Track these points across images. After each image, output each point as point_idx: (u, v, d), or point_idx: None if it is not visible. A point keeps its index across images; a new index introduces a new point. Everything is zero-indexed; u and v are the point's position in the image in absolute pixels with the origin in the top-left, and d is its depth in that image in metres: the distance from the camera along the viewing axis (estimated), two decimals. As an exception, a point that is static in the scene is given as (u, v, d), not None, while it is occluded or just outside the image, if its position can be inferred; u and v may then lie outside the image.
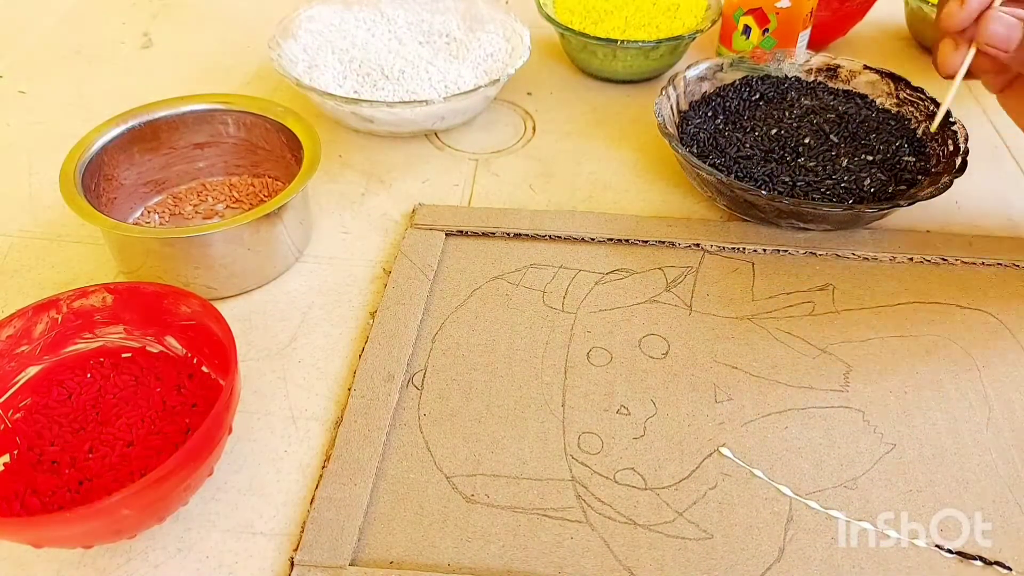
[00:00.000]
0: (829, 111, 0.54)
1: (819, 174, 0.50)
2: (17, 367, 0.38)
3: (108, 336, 0.40)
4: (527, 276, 0.48)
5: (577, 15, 0.66)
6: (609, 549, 0.35)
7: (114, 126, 0.48)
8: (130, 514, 0.31)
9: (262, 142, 0.52)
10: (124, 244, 0.45)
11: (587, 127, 0.62)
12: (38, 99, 0.64)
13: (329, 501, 0.36)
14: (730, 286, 0.48)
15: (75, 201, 0.43)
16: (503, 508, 0.37)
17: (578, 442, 0.39)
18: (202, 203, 0.52)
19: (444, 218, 0.51)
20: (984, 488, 0.38)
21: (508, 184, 0.56)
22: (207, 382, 0.39)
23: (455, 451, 0.39)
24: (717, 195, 0.51)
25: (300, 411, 0.41)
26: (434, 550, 0.35)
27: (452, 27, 0.65)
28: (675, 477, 0.38)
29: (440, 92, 0.58)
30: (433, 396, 0.41)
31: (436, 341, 0.44)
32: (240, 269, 0.46)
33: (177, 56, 0.70)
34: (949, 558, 0.35)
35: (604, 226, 0.51)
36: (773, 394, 0.42)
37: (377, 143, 0.59)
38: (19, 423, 0.37)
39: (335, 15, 0.65)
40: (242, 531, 0.36)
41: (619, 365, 0.43)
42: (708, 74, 0.58)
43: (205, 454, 0.33)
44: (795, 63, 0.59)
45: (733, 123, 0.56)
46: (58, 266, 0.49)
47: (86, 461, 0.35)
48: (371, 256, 0.50)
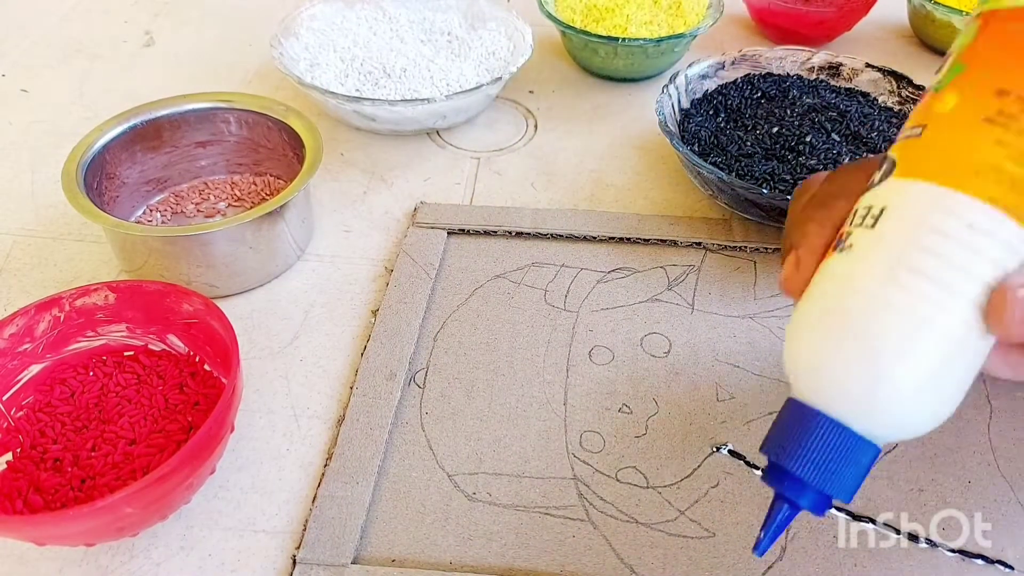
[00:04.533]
0: (831, 109, 0.54)
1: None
2: (19, 365, 0.38)
3: (110, 334, 0.40)
4: (529, 275, 0.48)
5: (579, 13, 0.65)
6: (611, 547, 0.35)
7: (116, 125, 0.49)
8: (132, 512, 0.31)
9: (264, 140, 0.52)
10: (126, 242, 0.45)
11: (589, 125, 0.62)
12: (40, 98, 0.64)
13: (331, 499, 0.36)
14: (732, 285, 0.48)
15: (77, 200, 0.43)
16: (505, 506, 0.37)
17: (580, 440, 0.39)
18: (204, 202, 0.52)
19: (446, 216, 0.51)
20: (985, 488, 0.38)
21: (510, 182, 0.56)
22: (209, 380, 0.39)
23: (457, 449, 0.39)
24: (719, 193, 0.51)
25: (302, 409, 0.41)
26: (436, 548, 0.35)
27: (454, 25, 0.65)
28: (677, 476, 0.38)
29: (442, 90, 0.58)
30: (435, 394, 0.41)
31: (438, 340, 0.44)
32: (242, 267, 0.46)
33: (179, 55, 0.70)
34: (950, 557, 0.35)
35: (606, 225, 0.51)
36: (775, 393, 0.42)
37: (379, 141, 0.59)
38: (22, 421, 0.37)
39: (337, 13, 0.65)
40: (244, 529, 0.36)
41: (621, 364, 0.43)
42: (710, 72, 0.58)
43: (207, 452, 0.34)
44: (797, 61, 0.59)
45: (735, 121, 0.55)
46: (60, 264, 0.49)
47: (88, 459, 0.35)
48: (373, 254, 0.50)
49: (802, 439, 0.28)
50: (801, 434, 0.28)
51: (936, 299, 0.26)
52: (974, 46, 0.28)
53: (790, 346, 0.29)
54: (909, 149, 0.28)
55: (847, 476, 0.28)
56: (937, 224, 0.26)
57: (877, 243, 0.27)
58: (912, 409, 0.27)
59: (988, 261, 0.26)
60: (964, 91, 0.27)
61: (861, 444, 0.28)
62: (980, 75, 0.27)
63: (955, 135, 0.27)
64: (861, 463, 0.28)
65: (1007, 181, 0.26)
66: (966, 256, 0.26)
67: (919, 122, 0.28)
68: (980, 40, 0.28)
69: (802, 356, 0.29)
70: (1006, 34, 0.27)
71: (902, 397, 0.27)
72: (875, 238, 0.27)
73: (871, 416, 0.27)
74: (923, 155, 0.27)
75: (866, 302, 0.27)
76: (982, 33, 0.28)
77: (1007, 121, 0.26)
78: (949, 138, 0.27)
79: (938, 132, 0.27)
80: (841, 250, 0.28)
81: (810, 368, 0.28)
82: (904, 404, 0.27)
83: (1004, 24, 0.28)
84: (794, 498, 0.29)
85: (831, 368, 0.27)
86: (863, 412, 0.27)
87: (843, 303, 0.27)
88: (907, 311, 0.26)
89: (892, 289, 0.26)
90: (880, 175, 0.29)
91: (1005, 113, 0.26)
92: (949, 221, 0.26)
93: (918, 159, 0.27)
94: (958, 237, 0.26)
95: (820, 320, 0.28)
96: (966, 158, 0.26)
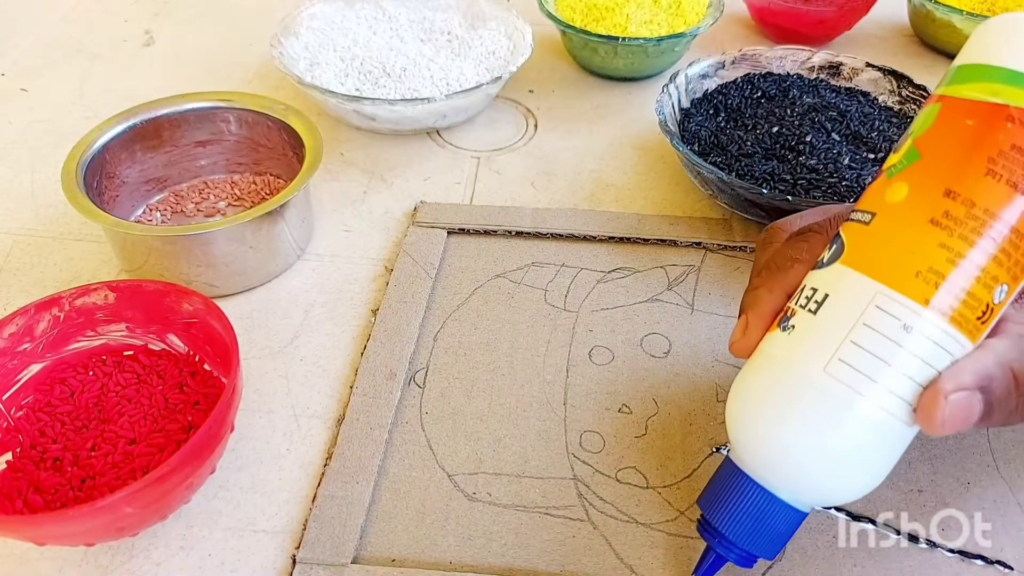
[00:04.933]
0: (831, 109, 0.54)
1: (821, 172, 0.49)
2: (19, 365, 0.38)
3: (110, 334, 0.40)
4: (529, 274, 0.48)
5: (579, 12, 0.65)
6: (611, 547, 0.35)
7: (116, 124, 0.48)
8: (132, 512, 0.31)
9: (264, 140, 0.52)
10: (126, 242, 0.45)
11: (589, 125, 0.62)
12: (40, 97, 0.64)
13: (331, 499, 0.36)
14: (732, 285, 0.48)
15: (77, 199, 0.43)
16: (505, 506, 0.37)
17: (580, 441, 0.39)
18: (204, 201, 0.52)
19: (446, 216, 0.51)
20: (984, 489, 0.38)
21: (510, 182, 0.56)
22: (209, 380, 0.39)
23: (457, 449, 0.39)
24: (719, 193, 0.51)
25: (302, 409, 0.41)
26: (436, 548, 0.35)
27: (454, 24, 0.65)
28: (677, 476, 0.38)
29: (442, 90, 0.58)
30: (435, 394, 0.41)
31: (438, 339, 0.44)
32: (242, 267, 0.46)
33: (179, 54, 0.70)
34: (950, 557, 0.35)
35: (606, 224, 0.51)
36: (774, 393, 0.42)
37: (379, 141, 0.59)
38: (21, 421, 0.37)
39: (337, 13, 0.65)
40: (244, 529, 0.36)
41: (621, 364, 0.43)
42: (710, 72, 0.58)
43: (207, 452, 0.34)
44: (797, 60, 0.59)
45: (735, 121, 0.55)
46: (60, 264, 0.49)
47: (88, 459, 0.35)
48: (373, 254, 0.50)
49: (732, 501, 0.31)
50: (732, 496, 0.31)
51: (863, 390, 0.27)
52: (930, 134, 0.29)
53: (730, 410, 0.31)
54: (857, 235, 0.29)
55: (770, 538, 0.31)
56: (872, 321, 0.27)
57: (817, 330, 0.29)
58: (836, 485, 0.29)
59: (918, 360, 0.27)
60: (915, 185, 0.28)
61: (786, 510, 0.30)
62: (932, 170, 0.28)
63: (901, 233, 0.28)
64: (785, 527, 0.30)
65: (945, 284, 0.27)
66: (897, 354, 0.27)
67: (870, 207, 0.29)
68: (936, 128, 0.29)
69: (739, 422, 0.31)
70: (960, 129, 0.28)
71: (826, 475, 0.29)
72: (815, 325, 0.29)
73: (796, 486, 0.30)
74: (868, 247, 0.29)
75: (800, 387, 0.29)
76: (939, 120, 0.29)
77: (952, 225, 0.27)
78: (894, 235, 0.28)
79: (885, 225, 0.29)
80: (784, 329, 0.30)
81: (745, 437, 0.30)
82: (828, 480, 0.29)
83: (959, 117, 0.28)
84: (723, 552, 0.31)
85: (763, 441, 0.29)
86: (789, 481, 0.30)
87: (779, 384, 0.29)
88: (836, 399, 0.28)
89: (824, 378, 0.28)
90: (829, 255, 0.30)
91: (951, 216, 0.27)
92: (885, 320, 0.27)
93: (863, 250, 0.29)
94: (892, 336, 0.27)
95: (758, 395, 0.30)
96: (908, 259, 0.27)
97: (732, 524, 0.31)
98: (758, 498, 0.30)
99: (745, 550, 0.31)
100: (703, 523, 0.32)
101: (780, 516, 0.30)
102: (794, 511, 0.30)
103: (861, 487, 0.29)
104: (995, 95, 0.27)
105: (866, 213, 0.29)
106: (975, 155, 0.27)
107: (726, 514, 0.31)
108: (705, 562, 0.32)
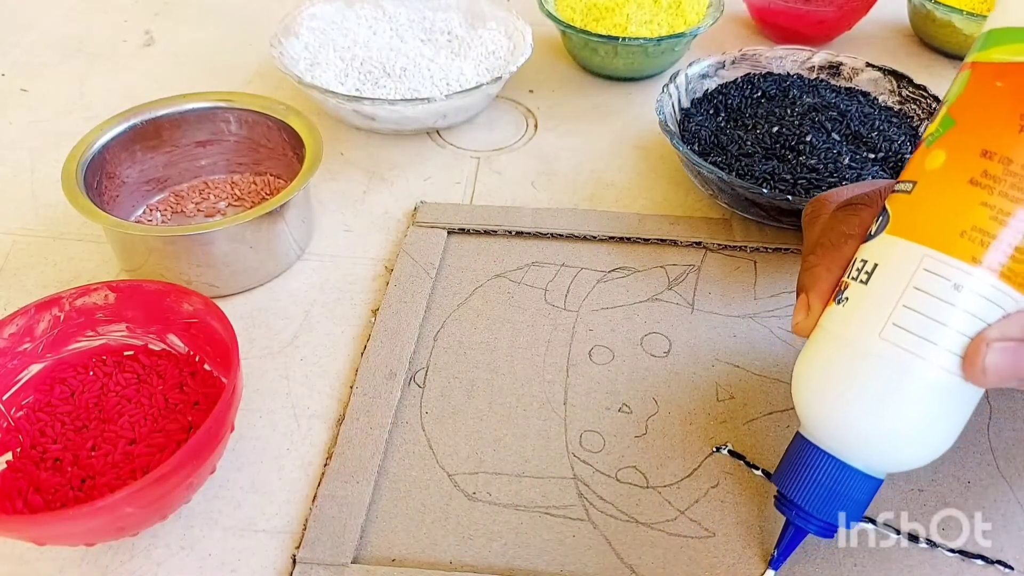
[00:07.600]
0: (831, 109, 0.54)
1: (821, 172, 0.49)
2: (19, 365, 0.38)
3: (110, 334, 0.40)
4: (529, 274, 0.48)
5: (579, 12, 0.65)
6: (611, 547, 0.35)
7: (116, 124, 0.49)
8: (132, 512, 0.31)
9: (264, 140, 0.52)
10: (126, 242, 0.45)
11: (589, 125, 0.62)
12: (40, 97, 0.64)
13: (331, 499, 0.36)
14: (732, 284, 0.48)
15: (77, 199, 0.43)
16: (505, 506, 0.37)
17: (580, 440, 0.39)
18: (204, 201, 0.52)
19: (446, 216, 0.51)
20: (984, 488, 0.38)
21: (510, 182, 0.56)
22: (209, 380, 0.39)
23: (457, 449, 0.39)
24: (719, 193, 0.51)
25: (302, 409, 0.41)
26: (436, 548, 0.35)
27: (454, 24, 0.65)
28: (677, 475, 0.38)
29: (442, 90, 0.58)
30: (435, 394, 0.41)
31: (438, 339, 0.44)
32: (242, 267, 0.46)
33: (179, 54, 0.70)
34: (950, 557, 0.35)
35: (606, 224, 0.51)
36: (775, 392, 0.42)
37: (379, 141, 0.59)
38: (21, 421, 0.37)
39: (337, 13, 0.65)
40: (244, 529, 0.36)
41: (621, 363, 0.43)
42: (710, 72, 0.58)
43: (207, 452, 0.34)
44: (797, 60, 0.59)
45: (735, 121, 0.55)
46: (60, 264, 0.49)
47: (88, 459, 0.35)
48: (373, 254, 0.50)
49: (807, 474, 0.31)
50: (807, 470, 0.32)
51: (920, 352, 0.28)
52: (962, 100, 0.29)
53: (796, 387, 0.32)
54: (901, 205, 0.30)
55: (850, 507, 0.31)
56: (922, 284, 0.28)
57: (869, 299, 0.30)
58: (905, 449, 0.30)
59: (969, 316, 0.28)
60: (951, 150, 0.29)
61: (861, 479, 0.31)
62: (967, 133, 0.28)
63: (942, 196, 0.29)
64: (862, 494, 0.31)
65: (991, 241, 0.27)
66: (950, 313, 0.28)
67: (911, 176, 0.30)
68: (968, 94, 0.29)
69: (804, 399, 0.31)
70: (991, 91, 0.28)
71: (894, 440, 0.29)
72: (868, 294, 0.30)
73: (866, 455, 0.30)
74: (913, 214, 0.29)
75: (858, 356, 0.29)
76: (970, 86, 0.29)
77: (991, 183, 0.27)
78: (936, 199, 0.29)
79: (927, 191, 0.29)
80: (840, 303, 0.31)
81: (811, 412, 0.31)
82: (896, 445, 0.30)
83: (989, 80, 0.28)
84: (802, 525, 0.32)
85: (829, 414, 0.30)
86: (859, 451, 0.30)
87: (838, 356, 0.30)
88: (894, 363, 0.28)
89: (881, 344, 0.29)
90: (876, 227, 0.31)
91: (989, 175, 0.27)
92: (934, 282, 0.28)
93: (908, 218, 0.29)
94: (943, 296, 0.28)
95: (820, 369, 0.31)
96: (952, 220, 0.28)
97: (808, 496, 0.31)
98: (832, 469, 0.31)
99: (825, 520, 0.32)
100: (780, 498, 0.33)
101: (856, 485, 0.31)
102: (870, 478, 0.31)
103: (931, 450, 0.30)
104: (1022, 54, 0.28)
105: (908, 183, 0.30)
106: (1008, 114, 0.27)
107: (803, 487, 0.31)
108: (786, 536, 0.33)
